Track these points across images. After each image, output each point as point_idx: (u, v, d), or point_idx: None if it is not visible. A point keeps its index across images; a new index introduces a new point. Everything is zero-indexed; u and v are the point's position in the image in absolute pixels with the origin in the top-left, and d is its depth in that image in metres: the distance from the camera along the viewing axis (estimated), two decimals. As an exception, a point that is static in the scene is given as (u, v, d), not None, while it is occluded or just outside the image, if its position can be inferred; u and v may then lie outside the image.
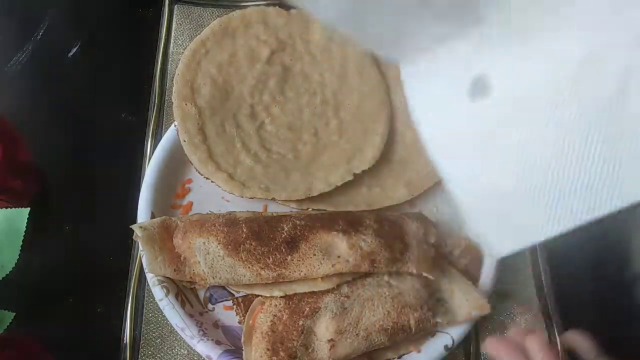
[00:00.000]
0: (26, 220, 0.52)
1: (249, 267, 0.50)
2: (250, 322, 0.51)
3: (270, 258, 0.50)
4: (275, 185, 0.58)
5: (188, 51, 0.63)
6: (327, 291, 0.52)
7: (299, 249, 0.51)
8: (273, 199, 0.58)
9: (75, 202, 0.63)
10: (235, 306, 0.54)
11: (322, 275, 0.51)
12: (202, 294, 0.56)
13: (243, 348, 0.50)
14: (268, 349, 0.49)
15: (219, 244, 0.51)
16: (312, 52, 0.65)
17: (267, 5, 0.68)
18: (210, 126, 0.61)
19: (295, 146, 0.61)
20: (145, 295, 0.57)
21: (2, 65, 0.69)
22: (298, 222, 0.52)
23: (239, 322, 0.54)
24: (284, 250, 0.50)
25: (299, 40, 0.66)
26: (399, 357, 0.53)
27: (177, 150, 0.60)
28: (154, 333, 0.56)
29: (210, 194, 0.60)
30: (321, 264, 0.51)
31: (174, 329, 0.53)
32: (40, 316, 0.56)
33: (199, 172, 0.59)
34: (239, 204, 0.59)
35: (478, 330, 0.57)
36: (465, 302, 0.52)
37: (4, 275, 0.50)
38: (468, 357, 0.56)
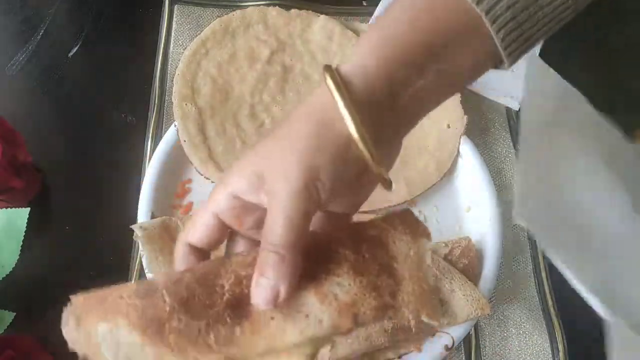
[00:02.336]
0: (26, 220, 0.52)
1: (182, 355, 0.34)
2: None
3: (212, 336, 0.34)
4: (276, 185, 0.58)
5: (188, 51, 0.63)
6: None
7: (250, 314, 0.35)
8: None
9: (75, 202, 0.63)
10: (235, 306, 0.54)
11: (287, 347, 0.36)
12: (202, 294, 0.56)
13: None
14: (268, 349, 0.49)
15: (132, 328, 0.33)
16: (312, 52, 0.65)
17: (267, 5, 0.68)
18: (211, 126, 0.61)
19: (295, 146, 0.61)
20: (146, 295, 0.57)
21: (2, 65, 0.69)
22: (243, 271, 0.36)
23: (239, 322, 0.53)
24: (228, 319, 0.34)
25: (299, 40, 0.66)
26: (399, 357, 0.53)
27: (177, 150, 0.60)
28: (154, 333, 0.56)
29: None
30: (284, 331, 0.35)
31: (174, 329, 0.53)
32: (40, 316, 0.56)
33: (199, 172, 0.59)
34: (239, 204, 0.59)
35: (478, 330, 0.57)
36: (466, 303, 0.51)
37: (4, 275, 0.50)
38: (469, 357, 0.56)
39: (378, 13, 0.72)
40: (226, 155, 0.60)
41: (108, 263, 0.59)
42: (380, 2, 0.73)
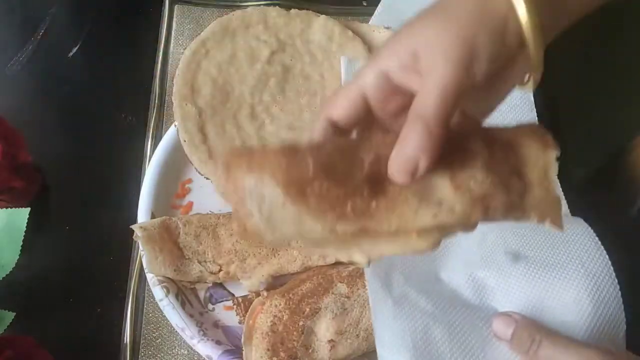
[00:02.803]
0: (26, 220, 0.52)
1: (320, 218, 0.34)
2: (251, 322, 0.51)
3: (349, 204, 0.34)
4: (276, 186, 0.58)
5: (188, 51, 0.63)
6: (327, 292, 0.52)
7: (386, 192, 0.35)
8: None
9: (75, 202, 0.63)
10: (235, 306, 0.54)
11: (418, 229, 0.36)
12: (202, 294, 0.56)
13: (243, 348, 0.50)
14: (268, 349, 0.49)
15: (277, 184, 0.34)
16: (312, 52, 0.65)
17: (267, 5, 0.68)
18: (211, 126, 0.61)
19: (295, 146, 0.61)
20: (146, 295, 0.57)
21: (3, 65, 0.69)
22: (383, 150, 0.36)
23: (239, 322, 0.54)
24: (366, 193, 0.35)
25: (299, 41, 0.66)
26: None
27: (177, 150, 0.60)
28: (154, 333, 0.56)
29: (211, 194, 0.60)
30: (417, 213, 0.35)
31: (174, 329, 0.53)
32: (40, 316, 0.56)
33: (199, 172, 0.59)
34: (239, 204, 0.59)
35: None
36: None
37: (4, 275, 0.50)
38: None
39: (378, 13, 0.72)
40: (226, 155, 0.60)
41: (107, 263, 0.59)
42: (380, 2, 0.73)
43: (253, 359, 0.50)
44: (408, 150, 0.33)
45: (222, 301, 0.56)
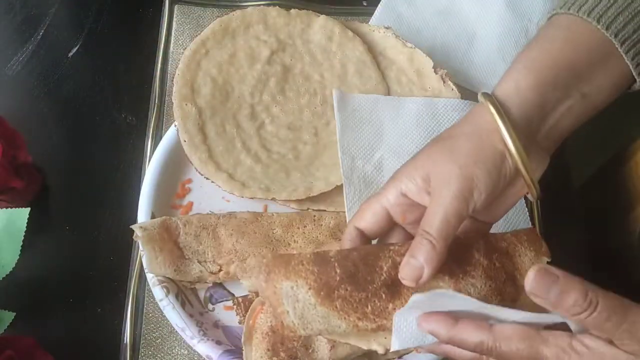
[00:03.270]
0: (26, 220, 0.52)
1: (345, 318, 0.41)
2: (251, 322, 0.51)
3: (369, 306, 0.42)
4: (275, 185, 0.58)
5: (188, 51, 0.63)
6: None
7: (401, 295, 0.42)
8: (273, 199, 0.58)
9: (75, 202, 0.63)
10: (235, 306, 0.54)
11: None
12: (202, 294, 0.56)
13: (243, 348, 0.50)
14: (268, 349, 0.49)
15: (309, 289, 0.41)
16: (312, 52, 0.65)
17: (267, 5, 0.68)
18: (211, 126, 0.61)
19: (295, 146, 0.61)
20: (146, 295, 0.57)
21: (3, 65, 0.69)
22: (399, 258, 0.42)
23: (239, 322, 0.54)
24: (384, 296, 0.42)
25: (299, 40, 0.66)
26: (399, 357, 0.53)
27: (178, 150, 0.60)
28: (154, 333, 0.56)
29: (211, 194, 0.60)
30: None
31: (174, 329, 0.53)
32: (40, 316, 0.56)
33: (199, 172, 0.59)
34: (240, 204, 0.59)
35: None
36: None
37: (4, 275, 0.50)
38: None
39: (378, 13, 0.72)
40: (226, 155, 0.60)
41: (108, 263, 0.59)
42: (380, 3, 0.73)
43: (253, 359, 0.50)
44: (414, 261, 0.40)
45: (222, 301, 0.56)
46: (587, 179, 0.77)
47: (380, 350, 0.44)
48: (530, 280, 0.36)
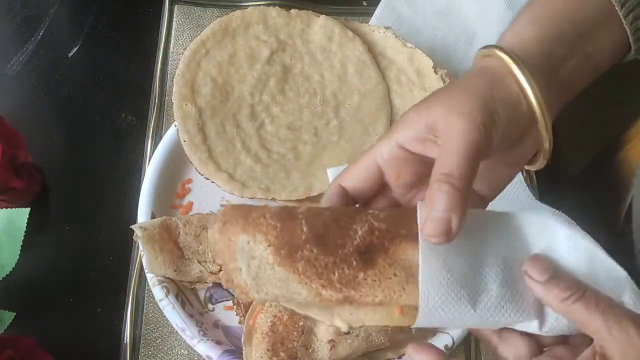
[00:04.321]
0: (26, 220, 0.52)
1: (306, 283, 0.36)
2: (251, 322, 0.51)
3: (336, 273, 0.35)
4: (275, 185, 0.58)
5: (188, 51, 0.63)
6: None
7: (375, 265, 0.36)
8: (273, 199, 0.58)
9: (75, 202, 0.63)
10: (235, 306, 0.54)
11: (402, 305, 0.37)
12: (202, 294, 0.56)
13: (243, 348, 0.50)
14: (268, 349, 0.49)
15: (268, 245, 0.36)
16: (312, 52, 0.65)
17: (267, 5, 0.68)
18: (211, 126, 0.61)
19: (295, 146, 0.61)
20: (146, 295, 0.57)
21: (3, 65, 0.69)
22: (376, 223, 0.37)
23: (239, 322, 0.54)
24: (354, 263, 0.36)
25: (299, 40, 0.66)
26: (399, 357, 0.53)
27: (178, 150, 0.60)
28: (154, 333, 0.56)
29: (211, 194, 0.60)
30: (404, 290, 0.36)
31: (174, 329, 0.53)
32: (40, 316, 0.56)
33: (199, 172, 0.59)
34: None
35: (478, 330, 0.57)
36: None
37: (4, 275, 0.50)
38: (468, 357, 0.56)
39: (379, 13, 0.72)
40: (226, 155, 0.60)
41: (108, 263, 0.59)
42: (380, 3, 0.73)
43: (253, 359, 0.50)
44: (438, 212, 0.33)
45: (222, 301, 0.56)
46: (581, 170, 0.77)
47: (344, 328, 0.38)
48: (530, 260, 0.35)
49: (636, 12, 0.40)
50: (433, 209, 0.34)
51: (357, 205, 0.40)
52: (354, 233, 0.36)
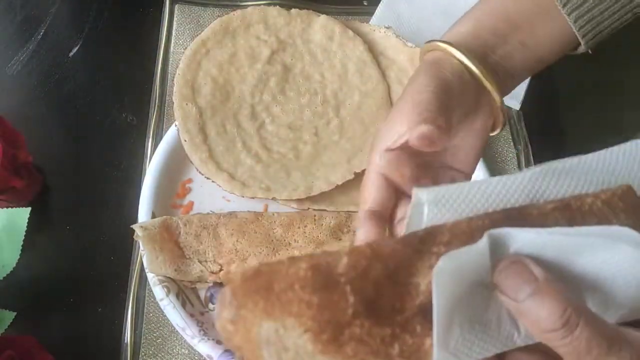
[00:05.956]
0: (27, 220, 0.52)
1: None
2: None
3: (396, 346, 0.27)
4: (276, 185, 0.58)
5: (189, 51, 0.63)
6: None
7: None
8: (274, 199, 0.58)
9: (75, 202, 0.63)
10: (236, 306, 0.54)
11: None
12: (202, 293, 0.56)
13: (244, 348, 0.50)
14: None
15: (304, 331, 0.26)
16: (313, 51, 0.65)
17: (268, 5, 0.68)
18: (211, 126, 0.61)
19: (295, 146, 0.61)
20: (146, 295, 0.57)
21: (3, 65, 0.69)
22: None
23: (240, 322, 0.54)
24: (418, 328, 0.27)
25: (300, 40, 0.66)
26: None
27: (178, 150, 0.60)
28: (154, 333, 0.56)
29: (211, 193, 0.60)
30: None
31: (174, 329, 0.53)
32: (41, 316, 0.56)
33: (199, 172, 0.59)
34: (240, 204, 0.59)
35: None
36: None
37: (5, 275, 0.50)
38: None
39: (379, 13, 0.72)
40: (226, 155, 0.60)
41: (108, 263, 0.59)
42: (381, 2, 0.73)
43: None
44: (422, 127, 0.39)
45: (222, 301, 0.56)
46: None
47: None
48: (501, 268, 0.27)
49: (579, 11, 0.44)
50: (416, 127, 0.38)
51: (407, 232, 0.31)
52: (415, 289, 0.27)
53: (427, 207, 0.29)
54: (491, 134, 0.45)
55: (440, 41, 0.43)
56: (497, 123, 0.44)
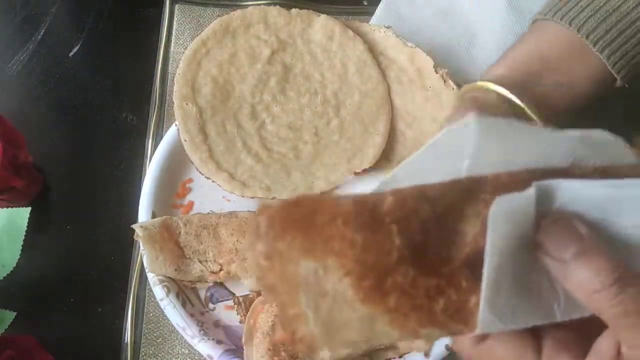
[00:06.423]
0: (27, 220, 0.52)
1: (399, 325, 0.24)
2: (252, 321, 0.51)
3: (441, 301, 0.24)
4: (276, 185, 0.58)
5: (189, 51, 0.63)
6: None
7: None
8: (274, 199, 0.58)
9: (75, 202, 0.63)
10: (236, 306, 0.54)
11: None
12: (203, 293, 0.56)
13: (244, 348, 0.50)
14: (269, 349, 0.49)
15: (346, 273, 0.24)
16: (313, 51, 0.65)
17: (268, 4, 0.68)
18: (211, 126, 0.61)
19: (296, 146, 0.61)
20: (146, 294, 0.57)
21: (3, 65, 0.69)
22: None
23: (240, 322, 0.54)
24: (464, 283, 0.25)
25: (300, 40, 0.66)
26: (400, 357, 0.53)
27: (178, 149, 0.60)
28: (154, 333, 0.56)
29: (211, 193, 0.60)
30: None
31: (174, 329, 0.53)
32: (41, 316, 0.56)
33: (199, 172, 0.59)
34: (240, 204, 0.59)
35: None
36: None
37: (5, 275, 0.50)
38: (469, 357, 0.56)
39: (379, 13, 0.72)
40: (227, 154, 0.60)
41: (109, 262, 0.59)
42: (381, 2, 0.73)
43: (254, 359, 0.50)
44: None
45: (223, 301, 0.56)
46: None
47: (424, 349, 0.28)
48: (544, 225, 0.25)
49: (611, 48, 0.45)
50: None
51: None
52: (462, 238, 0.25)
53: (476, 134, 0.26)
54: None
55: (480, 81, 0.44)
56: None
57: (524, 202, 0.24)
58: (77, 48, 0.71)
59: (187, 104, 0.61)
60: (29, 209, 0.52)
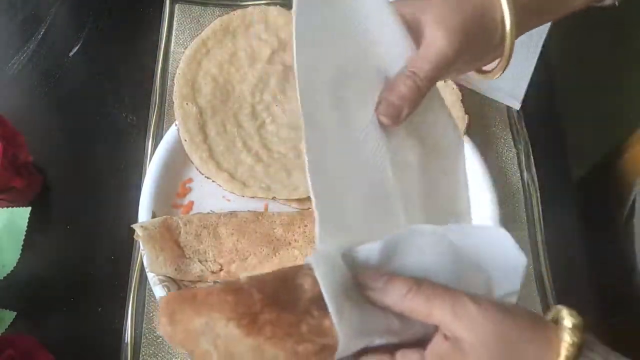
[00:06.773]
0: (27, 220, 0.52)
1: (280, 346, 0.34)
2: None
3: (304, 326, 0.34)
4: (276, 185, 0.58)
5: (189, 50, 0.63)
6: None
7: None
8: (274, 198, 0.58)
9: (76, 202, 0.63)
10: (236, 306, 0.54)
11: None
12: (203, 293, 0.56)
13: (244, 347, 0.51)
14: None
15: (228, 320, 0.34)
16: (313, 51, 0.65)
17: (268, 4, 0.68)
18: (211, 126, 0.61)
19: (296, 145, 0.61)
20: (147, 294, 0.57)
21: (3, 64, 0.69)
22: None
23: (240, 322, 0.54)
24: (315, 313, 0.35)
25: (300, 40, 0.66)
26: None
27: (178, 149, 0.60)
28: (155, 332, 0.56)
29: (211, 193, 0.60)
30: None
31: (175, 329, 0.53)
32: (41, 316, 0.56)
33: (200, 172, 0.59)
34: (240, 203, 0.59)
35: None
36: None
37: (5, 275, 0.50)
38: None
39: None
40: (227, 154, 0.60)
41: (109, 262, 0.59)
42: (381, 2, 0.73)
43: (254, 359, 0.50)
44: (395, 98, 0.39)
45: (223, 300, 0.56)
46: (586, 174, 0.77)
47: None
48: (362, 277, 0.35)
49: None
50: (392, 94, 0.39)
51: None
52: (301, 287, 0.36)
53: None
54: (483, 76, 0.47)
55: None
56: (497, 67, 0.45)
57: (333, 253, 0.35)
58: (77, 47, 0.71)
59: (187, 103, 0.61)
60: (29, 209, 0.52)
